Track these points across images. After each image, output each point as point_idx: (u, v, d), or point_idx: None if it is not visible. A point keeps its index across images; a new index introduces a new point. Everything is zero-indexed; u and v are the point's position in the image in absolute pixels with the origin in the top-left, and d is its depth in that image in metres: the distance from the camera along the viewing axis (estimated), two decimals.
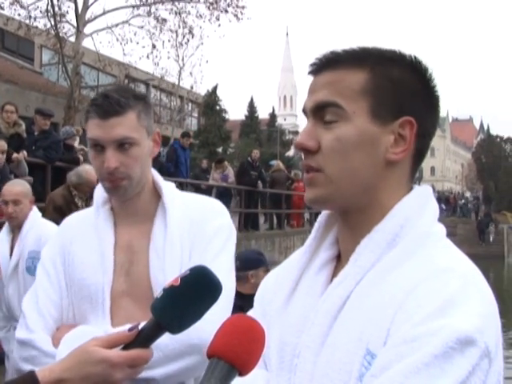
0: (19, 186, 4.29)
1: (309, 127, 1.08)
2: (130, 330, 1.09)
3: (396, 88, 1.05)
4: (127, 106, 1.66)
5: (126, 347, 1.09)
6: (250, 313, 1.24)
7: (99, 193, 1.80)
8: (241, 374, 0.92)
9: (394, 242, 1.03)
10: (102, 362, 1.08)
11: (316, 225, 1.19)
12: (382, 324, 0.95)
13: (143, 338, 1.08)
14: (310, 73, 1.10)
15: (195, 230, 1.73)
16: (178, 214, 1.74)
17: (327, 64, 1.07)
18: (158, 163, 11.55)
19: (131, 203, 1.76)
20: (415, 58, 1.09)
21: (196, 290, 1.04)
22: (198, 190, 12.51)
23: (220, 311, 1.62)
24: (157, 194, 1.79)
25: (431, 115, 1.09)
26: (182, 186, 11.66)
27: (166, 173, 11.25)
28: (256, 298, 1.28)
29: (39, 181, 8.55)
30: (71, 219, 1.90)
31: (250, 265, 4.77)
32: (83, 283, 1.72)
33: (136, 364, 1.10)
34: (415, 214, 1.05)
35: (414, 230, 1.04)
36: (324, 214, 1.18)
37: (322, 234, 1.17)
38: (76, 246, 1.77)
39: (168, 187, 1.81)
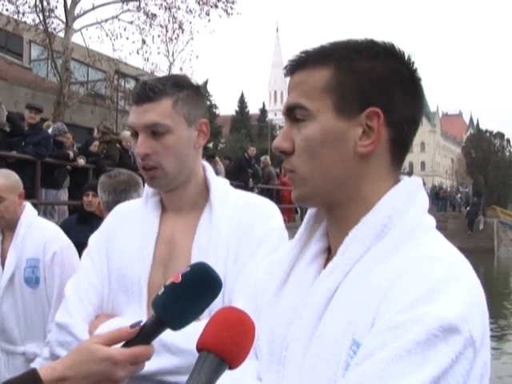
0: (1, 179, 3.30)
1: (285, 129, 1.09)
2: (131, 326, 1.08)
3: (361, 80, 1.04)
4: (162, 92, 1.62)
5: (127, 344, 1.08)
6: (242, 305, 1.23)
7: None
8: (231, 368, 0.91)
9: (382, 233, 1.03)
10: (104, 360, 1.07)
11: (306, 217, 1.19)
12: (368, 313, 0.95)
13: (145, 335, 1.07)
14: (286, 75, 1.11)
15: (243, 231, 1.67)
16: (226, 213, 1.69)
17: (297, 65, 1.09)
18: None
19: (177, 195, 1.72)
20: (387, 44, 1.08)
21: (197, 286, 1.04)
22: None
23: None
24: (208, 190, 1.74)
25: (407, 102, 1.06)
26: None
27: None
28: (248, 290, 1.28)
29: (29, 177, 8.51)
30: (122, 207, 1.88)
31: None
32: (120, 273, 1.70)
33: (138, 361, 1.09)
34: (404, 205, 1.04)
35: (403, 221, 1.03)
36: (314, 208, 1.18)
37: (313, 226, 1.18)
38: (120, 234, 1.76)
39: (219, 184, 1.76)
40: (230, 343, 0.90)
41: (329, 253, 1.14)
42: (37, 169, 8.76)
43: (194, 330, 1.55)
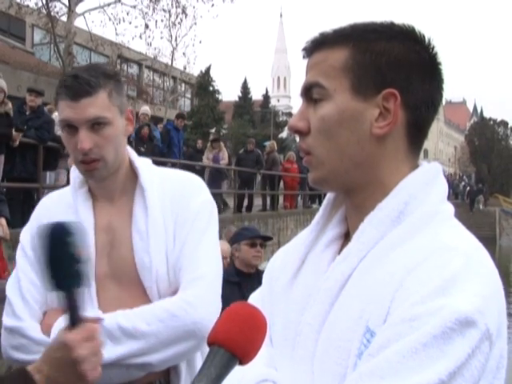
0: None
1: (300, 109, 1.09)
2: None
3: (378, 61, 1.02)
4: (97, 85, 1.63)
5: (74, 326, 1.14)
6: (258, 291, 1.25)
7: (75, 174, 1.76)
8: (241, 363, 0.90)
9: (398, 219, 1.01)
10: (60, 345, 1.12)
11: (324, 202, 1.18)
12: (383, 302, 0.93)
13: (72, 314, 1.13)
14: (304, 57, 1.11)
15: (177, 208, 1.71)
16: (157, 193, 1.72)
17: (315, 46, 1.08)
18: (151, 145, 11.52)
19: (108, 184, 1.73)
20: (406, 26, 1.06)
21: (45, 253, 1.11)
22: (190, 170, 12.41)
23: (209, 293, 1.63)
24: (134, 173, 1.76)
25: (425, 84, 1.04)
26: (174, 167, 11.61)
27: (158, 153, 11.21)
28: (264, 276, 1.27)
29: (31, 161, 8.50)
30: (48, 200, 1.86)
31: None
32: None
33: (91, 335, 1.14)
34: (421, 191, 1.03)
35: (420, 207, 1.01)
36: (332, 193, 1.17)
37: (330, 212, 1.16)
38: None
39: (145, 165, 1.78)
40: (241, 339, 0.89)
41: (346, 239, 1.12)
42: (39, 153, 8.71)
43: (152, 313, 1.59)
